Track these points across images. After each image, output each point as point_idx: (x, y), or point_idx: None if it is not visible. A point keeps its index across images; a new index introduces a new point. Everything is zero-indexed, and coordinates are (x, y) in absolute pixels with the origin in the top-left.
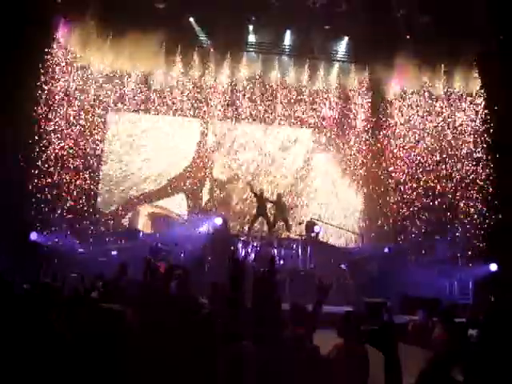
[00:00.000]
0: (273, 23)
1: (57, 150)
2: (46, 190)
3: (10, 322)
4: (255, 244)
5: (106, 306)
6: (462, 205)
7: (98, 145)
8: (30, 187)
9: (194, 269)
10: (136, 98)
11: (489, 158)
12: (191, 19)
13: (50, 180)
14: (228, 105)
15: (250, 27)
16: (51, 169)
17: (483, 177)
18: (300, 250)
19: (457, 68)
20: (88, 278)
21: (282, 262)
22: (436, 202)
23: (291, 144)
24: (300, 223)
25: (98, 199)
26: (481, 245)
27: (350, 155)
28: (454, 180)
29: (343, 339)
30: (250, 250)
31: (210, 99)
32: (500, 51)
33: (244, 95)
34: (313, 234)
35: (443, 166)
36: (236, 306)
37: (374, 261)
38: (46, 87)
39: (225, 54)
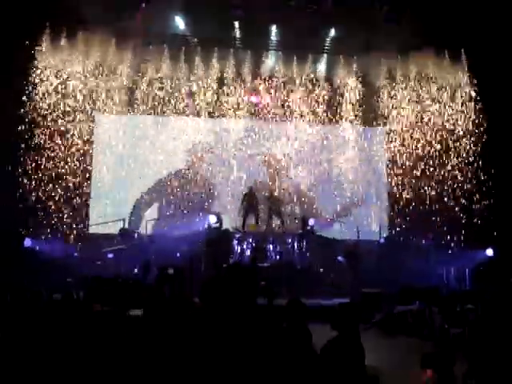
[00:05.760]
0: (258, 18)
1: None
2: (39, 194)
3: None
4: (250, 240)
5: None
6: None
7: (86, 149)
8: (23, 193)
9: (189, 268)
10: (124, 98)
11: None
12: (177, 17)
13: (41, 185)
14: (217, 101)
15: (236, 23)
16: (42, 174)
17: (478, 164)
18: (296, 245)
19: (445, 59)
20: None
21: (277, 257)
22: (432, 190)
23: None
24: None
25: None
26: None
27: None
28: (448, 166)
29: (337, 332)
30: (245, 247)
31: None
32: (486, 43)
33: (233, 91)
34: (308, 228)
35: (436, 154)
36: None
37: (370, 252)
38: (32, 92)
39: (212, 51)
